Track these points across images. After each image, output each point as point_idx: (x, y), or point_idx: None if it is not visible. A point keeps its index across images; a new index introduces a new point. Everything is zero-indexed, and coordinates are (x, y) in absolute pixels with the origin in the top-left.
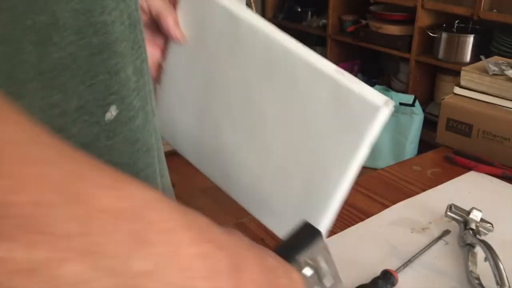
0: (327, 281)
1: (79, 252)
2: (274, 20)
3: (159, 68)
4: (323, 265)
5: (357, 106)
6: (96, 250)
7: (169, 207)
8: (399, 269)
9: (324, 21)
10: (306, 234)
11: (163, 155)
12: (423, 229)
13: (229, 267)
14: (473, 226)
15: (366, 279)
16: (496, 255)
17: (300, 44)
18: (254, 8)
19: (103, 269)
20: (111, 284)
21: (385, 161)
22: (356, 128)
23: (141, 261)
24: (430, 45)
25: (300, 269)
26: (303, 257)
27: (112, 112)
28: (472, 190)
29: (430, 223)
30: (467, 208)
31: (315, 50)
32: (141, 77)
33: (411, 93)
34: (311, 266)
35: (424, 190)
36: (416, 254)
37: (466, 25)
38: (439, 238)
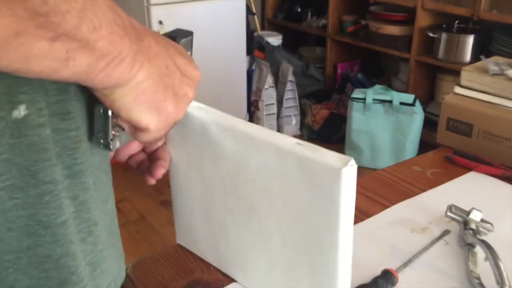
0: None
1: None
2: (274, 20)
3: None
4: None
5: (321, 173)
6: None
7: None
8: (399, 269)
9: (324, 21)
10: (178, 33)
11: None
12: (423, 229)
13: (121, 17)
14: (473, 226)
15: (367, 278)
16: (496, 255)
17: (260, 128)
18: (254, 8)
19: None
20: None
21: (385, 161)
22: (328, 195)
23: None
24: (430, 45)
25: None
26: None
27: (20, 111)
28: (472, 190)
29: (430, 223)
30: (467, 208)
31: (315, 50)
32: (62, 92)
33: (411, 93)
34: None
35: (424, 191)
36: (416, 254)
37: (466, 25)
38: (439, 238)
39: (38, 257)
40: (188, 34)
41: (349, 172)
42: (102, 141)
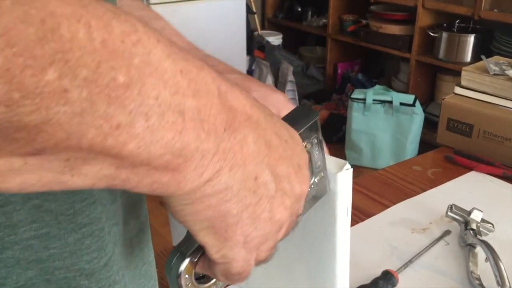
0: (317, 174)
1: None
2: (274, 20)
3: None
4: (315, 154)
5: None
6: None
7: (128, 15)
8: (399, 269)
9: (325, 20)
10: (301, 113)
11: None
12: (423, 230)
13: (218, 89)
14: (473, 226)
15: (367, 279)
16: (497, 256)
17: None
18: (254, 7)
19: (78, 79)
20: (85, 94)
21: (385, 161)
22: (324, 199)
23: (116, 72)
24: (430, 45)
25: None
26: (299, 131)
27: None
28: (473, 190)
29: (430, 223)
30: (468, 208)
31: (315, 50)
32: None
33: (411, 93)
34: (306, 150)
35: (424, 190)
36: (417, 255)
37: (467, 24)
38: (439, 238)
39: None
40: (311, 117)
41: (344, 177)
42: None
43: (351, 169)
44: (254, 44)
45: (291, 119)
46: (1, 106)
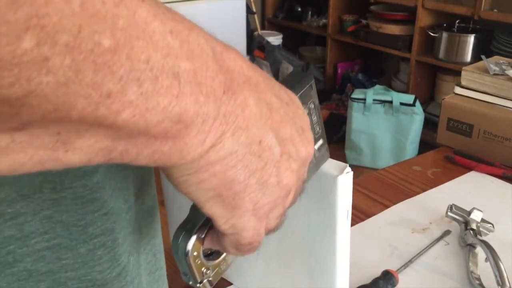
0: (316, 141)
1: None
2: (274, 20)
3: None
4: (314, 119)
5: (317, 180)
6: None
7: None
8: (399, 269)
9: (324, 20)
10: (297, 77)
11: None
12: (423, 230)
13: (212, 50)
14: (473, 226)
15: (367, 279)
16: (497, 256)
17: None
18: (254, 7)
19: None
20: (69, 62)
21: (385, 161)
22: (324, 202)
23: (100, 36)
24: (430, 45)
25: None
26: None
27: None
28: (473, 190)
29: (430, 223)
30: (468, 208)
31: (315, 50)
32: None
33: (411, 93)
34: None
35: (424, 190)
36: (417, 255)
37: (467, 24)
38: (439, 238)
39: None
40: (306, 81)
41: (345, 180)
42: (190, 282)
43: (352, 172)
44: (254, 44)
45: (287, 83)
46: None
